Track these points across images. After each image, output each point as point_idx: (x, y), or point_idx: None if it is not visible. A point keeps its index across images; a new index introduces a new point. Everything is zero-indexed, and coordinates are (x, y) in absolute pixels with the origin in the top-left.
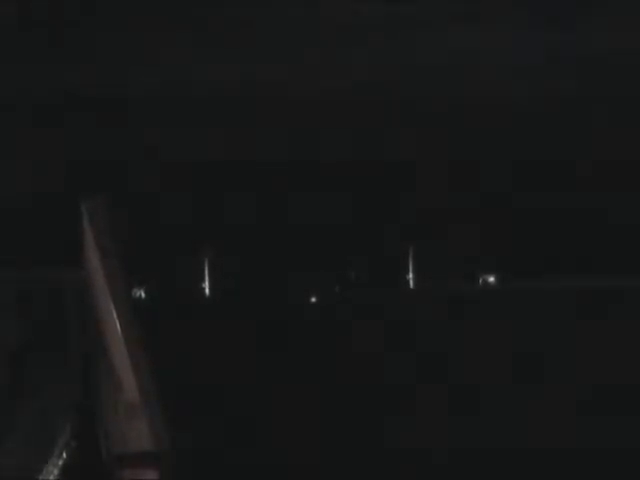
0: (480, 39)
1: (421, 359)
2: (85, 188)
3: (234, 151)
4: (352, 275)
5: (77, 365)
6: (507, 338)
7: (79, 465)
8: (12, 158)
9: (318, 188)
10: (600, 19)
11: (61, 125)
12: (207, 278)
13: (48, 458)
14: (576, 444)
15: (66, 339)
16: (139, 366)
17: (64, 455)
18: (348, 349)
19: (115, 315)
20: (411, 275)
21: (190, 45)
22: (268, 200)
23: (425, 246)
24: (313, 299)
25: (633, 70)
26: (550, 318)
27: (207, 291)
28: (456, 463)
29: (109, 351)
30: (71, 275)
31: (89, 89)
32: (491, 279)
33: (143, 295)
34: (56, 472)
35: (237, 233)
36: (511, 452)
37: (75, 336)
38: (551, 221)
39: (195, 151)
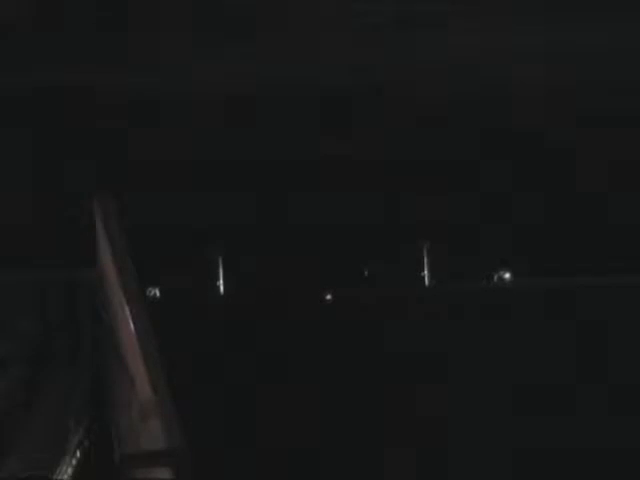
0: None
1: (434, 358)
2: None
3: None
4: (366, 273)
5: (91, 364)
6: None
7: (92, 464)
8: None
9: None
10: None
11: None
12: (222, 276)
13: (62, 457)
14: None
15: (79, 338)
16: (152, 364)
17: (77, 454)
18: (360, 347)
19: (128, 312)
20: (426, 273)
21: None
22: (284, 199)
23: (440, 244)
24: (328, 297)
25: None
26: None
27: (222, 289)
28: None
29: (122, 350)
30: (84, 274)
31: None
32: (507, 276)
33: (158, 294)
34: (70, 471)
35: (254, 232)
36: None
37: (88, 335)
38: (567, 220)
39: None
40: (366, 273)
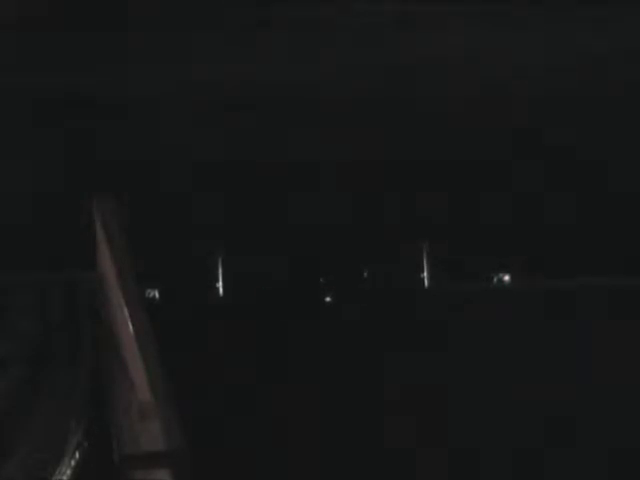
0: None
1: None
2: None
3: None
4: (366, 273)
5: (90, 364)
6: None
7: (91, 465)
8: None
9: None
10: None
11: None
12: (222, 276)
13: (62, 458)
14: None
15: (79, 338)
16: (152, 365)
17: (77, 455)
18: (362, 348)
19: (127, 313)
20: (425, 274)
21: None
22: (284, 199)
23: (440, 244)
24: (328, 298)
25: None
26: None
27: (222, 289)
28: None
29: (121, 350)
30: (84, 275)
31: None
32: (506, 278)
33: (157, 295)
34: (69, 472)
35: (254, 232)
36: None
37: (88, 335)
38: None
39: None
40: (366, 273)
